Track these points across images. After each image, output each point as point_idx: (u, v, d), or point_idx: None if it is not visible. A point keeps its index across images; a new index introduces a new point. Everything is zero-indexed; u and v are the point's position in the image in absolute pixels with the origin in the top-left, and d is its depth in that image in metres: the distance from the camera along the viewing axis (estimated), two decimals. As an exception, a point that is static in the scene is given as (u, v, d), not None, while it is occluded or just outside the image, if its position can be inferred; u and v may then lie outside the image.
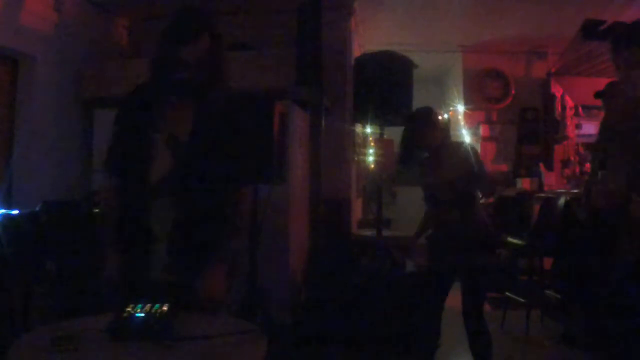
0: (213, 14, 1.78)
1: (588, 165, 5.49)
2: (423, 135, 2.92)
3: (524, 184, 5.85)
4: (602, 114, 3.54)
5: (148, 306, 1.37)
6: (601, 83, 3.60)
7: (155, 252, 1.68)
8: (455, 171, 2.79)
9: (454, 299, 3.11)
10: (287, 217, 3.71)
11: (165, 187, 1.68)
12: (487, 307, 4.86)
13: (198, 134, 1.71)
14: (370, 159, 5.12)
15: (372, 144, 5.82)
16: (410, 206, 3.35)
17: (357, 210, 5.38)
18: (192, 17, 1.71)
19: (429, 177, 2.93)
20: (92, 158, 4.03)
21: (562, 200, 4.07)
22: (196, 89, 1.70)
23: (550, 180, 5.89)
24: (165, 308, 1.37)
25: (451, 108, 6.36)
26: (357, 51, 5.23)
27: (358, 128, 5.28)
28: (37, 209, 3.14)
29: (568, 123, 6.02)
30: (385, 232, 3.84)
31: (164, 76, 1.69)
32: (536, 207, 4.81)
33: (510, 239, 4.31)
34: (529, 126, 6.21)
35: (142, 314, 1.34)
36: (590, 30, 4.58)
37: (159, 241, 1.68)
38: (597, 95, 3.41)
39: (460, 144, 3.20)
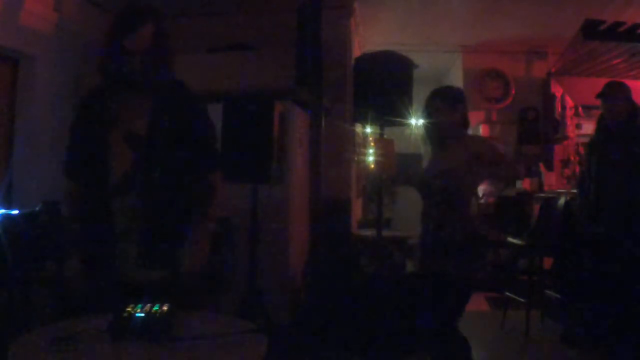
0: (158, 8, 1.76)
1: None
2: (447, 118, 2.50)
3: (524, 184, 5.85)
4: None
5: (148, 306, 1.38)
6: (601, 83, 3.60)
7: (123, 251, 1.69)
8: (463, 167, 2.41)
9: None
10: (287, 217, 3.71)
11: (129, 184, 1.68)
12: (487, 307, 4.88)
13: (156, 127, 1.71)
14: (370, 159, 5.11)
15: (372, 144, 5.82)
16: (410, 206, 3.34)
17: (357, 210, 5.38)
18: (134, 9, 1.72)
19: (433, 169, 2.56)
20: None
21: (562, 200, 4.07)
22: (143, 80, 1.68)
23: (550, 180, 5.88)
24: (165, 308, 1.38)
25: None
26: (357, 51, 5.23)
27: (358, 128, 5.27)
28: (37, 209, 3.14)
29: (568, 123, 6.01)
30: (385, 232, 3.83)
31: (112, 70, 1.69)
32: (536, 207, 4.81)
33: (510, 239, 4.30)
34: (529, 126, 6.20)
35: (142, 314, 1.34)
36: (590, 30, 4.58)
37: (126, 238, 1.68)
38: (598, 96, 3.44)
39: (477, 138, 2.80)
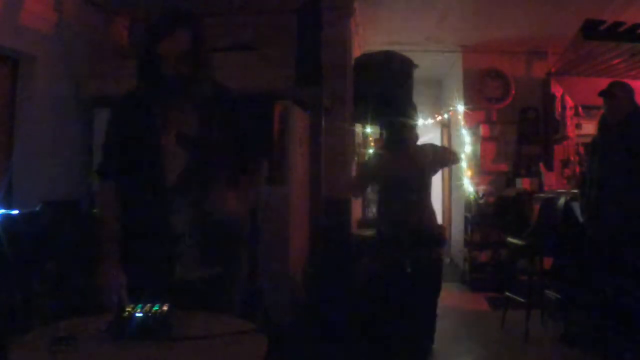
0: (194, 13, 1.76)
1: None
2: (411, 130, 3.42)
3: (524, 184, 5.85)
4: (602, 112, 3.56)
5: (148, 306, 1.38)
6: (601, 83, 3.60)
7: (178, 252, 1.69)
8: (424, 164, 3.26)
9: (448, 299, 3.10)
10: (287, 217, 3.71)
11: (186, 185, 1.68)
12: (487, 307, 4.88)
13: (206, 128, 1.72)
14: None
15: (372, 144, 5.83)
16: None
17: (357, 210, 5.38)
18: (167, 14, 1.71)
19: (397, 169, 3.30)
20: (92, 158, 4.02)
21: (562, 200, 4.07)
22: (183, 84, 1.67)
23: (550, 180, 5.88)
24: (165, 308, 1.38)
25: (451, 108, 6.36)
26: (357, 51, 5.23)
27: (358, 128, 5.27)
28: (37, 209, 3.14)
29: (568, 123, 6.01)
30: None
31: (151, 75, 1.69)
32: (536, 207, 4.80)
33: (510, 239, 4.30)
34: (529, 126, 6.21)
35: (142, 314, 1.34)
36: (590, 30, 4.58)
37: (181, 240, 1.68)
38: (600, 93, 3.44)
39: (423, 144, 3.63)
